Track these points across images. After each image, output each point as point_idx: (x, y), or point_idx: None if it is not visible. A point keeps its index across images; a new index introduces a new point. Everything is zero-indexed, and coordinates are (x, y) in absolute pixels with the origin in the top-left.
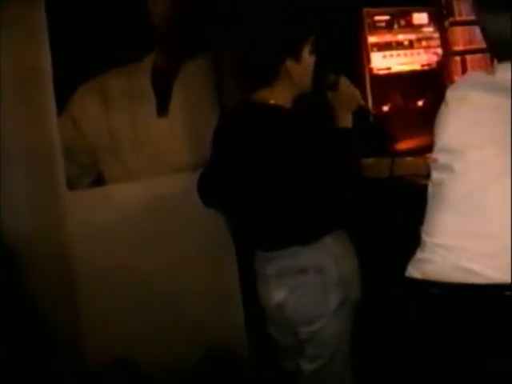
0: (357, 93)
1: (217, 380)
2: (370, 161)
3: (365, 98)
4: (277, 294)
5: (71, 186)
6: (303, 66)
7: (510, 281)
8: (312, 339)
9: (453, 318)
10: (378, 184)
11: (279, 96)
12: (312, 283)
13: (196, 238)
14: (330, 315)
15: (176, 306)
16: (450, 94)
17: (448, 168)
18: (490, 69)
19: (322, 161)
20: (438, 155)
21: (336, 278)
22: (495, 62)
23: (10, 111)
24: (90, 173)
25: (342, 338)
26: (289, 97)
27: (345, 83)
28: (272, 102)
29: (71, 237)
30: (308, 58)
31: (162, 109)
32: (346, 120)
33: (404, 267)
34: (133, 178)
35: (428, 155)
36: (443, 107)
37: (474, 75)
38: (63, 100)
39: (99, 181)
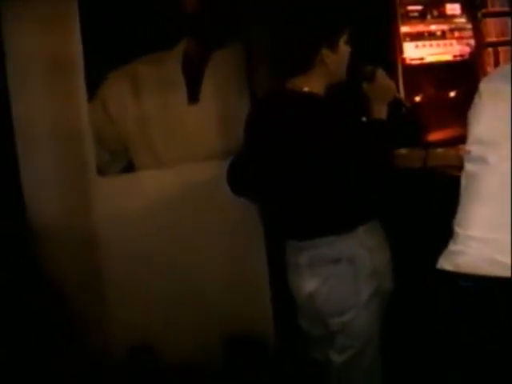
0: (392, 85)
1: (243, 367)
2: (403, 151)
3: (397, 88)
4: (308, 284)
5: (101, 172)
6: (339, 56)
7: None
8: (343, 330)
9: (483, 311)
10: (412, 175)
11: (314, 84)
12: (344, 273)
13: (225, 226)
14: (362, 306)
15: (203, 294)
16: (484, 86)
17: (481, 160)
18: None
19: (356, 151)
20: (472, 147)
21: (368, 269)
22: None
23: (41, 97)
24: (121, 159)
25: (373, 330)
26: (323, 85)
27: (381, 75)
28: (306, 89)
29: (100, 223)
30: (344, 48)
31: (193, 96)
32: (381, 111)
33: (437, 259)
34: (163, 166)
35: (460, 146)
36: (477, 99)
37: (508, 68)
38: (94, 86)
39: (129, 167)
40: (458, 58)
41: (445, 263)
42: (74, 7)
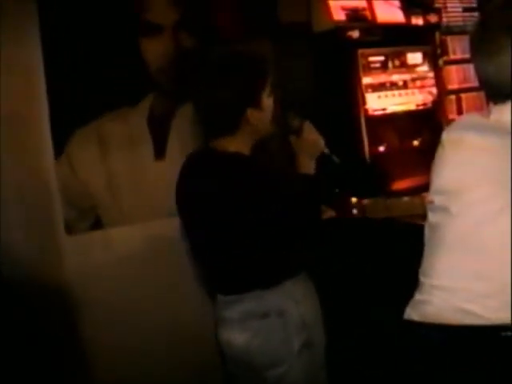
0: (320, 140)
1: None
2: (366, 201)
3: (360, 138)
4: (240, 338)
5: (69, 229)
6: (264, 111)
7: (508, 321)
8: (279, 383)
9: (452, 361)
10: (375, 225)
11: (239, 144)
12: (274, 327)
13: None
14: (294, 358)
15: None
16: (446, 136)
17: (444, 209)
18: (484, 111)
19: (280, 207)
20: (434, 197)
21: (298, 321)
22: (490, 104)
23: (8, 156)
24: (88, 216)
25: (311, 382)
26: (249, 143)
27: (309, 129)
28: (232, 149)
29: (70, 280)
30: (267, 102)
31: (159, 152)
32: (308, 166)
33: (403, 309)
34: (130, 222)
35: (424, 194)
36: (439, 150)
37: (469, 117)
38: (60, 144)
39: (97, 224)
40: (421, 107)
41: (412, 313)
42: (39, 62)
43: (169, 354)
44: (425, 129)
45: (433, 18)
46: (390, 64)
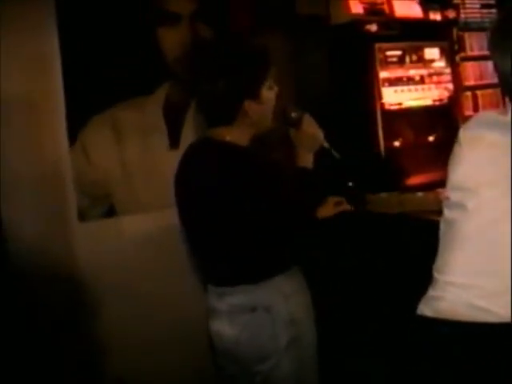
0: (319, 133)
1: None
2: (382, 196)
3: (376, 132)
4: (229, 330)
5: (82, 217)
6: (262, 105)
7: None
8: (267, 378)
9: (464, 357)
10: (389, 220)
11: (237, 135)
12: (261, 322)
13: None
14: (282, 353)
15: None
16: (463, 134)
17: (460, 206)
18: (500, 108)
19: (273, 201)
20: (451, 193)
21: (285, 317)
22: (507, 102)
23: (23, 141)
24: (102, 204)
25: (299, 379)
26: (247, 135)
27: (308, 122)
28: (228, 139)
29: (81, 266)
30: (268, 95)
31: (174, 141)
32: (307, 160)
33: (416, 305)
34: (143, 210)
35: (439, 190)
36: (456, 147)
37: (486, 115)
38: (75, 131)
39: (110, 212)
40: (437, 103)
41: (425, 309)
42: (55, 51)
43: (181, 342)
44: (440, 125)
45: (451, 14)
46: (407, 59)
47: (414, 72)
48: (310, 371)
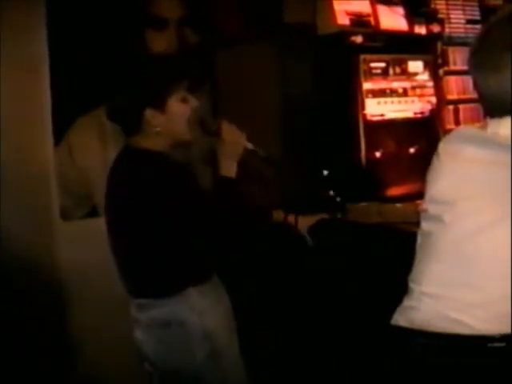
0: (241, 138)
1: None
2: (361, 205)
3: (358, 142)
4: (148, 342)
5: (65, 216)
6: (169, 116)
7: (495, 332)
8: None
9: (437, 369)
10: (367, 230)
11: (150, 142)
12: (176, 337)
13: None
14: (200, 367)
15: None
16: (442, 147)
17: (437, 218)
18: (481, 123)
19: (185, 209)
20: (428, 205)
21: (200, 333)
22: (487, 117)
23: (7, 141)
24: (85, 204)
25: None
26: (161, 144)
27: (227, 129)
28: (143, 145)
29: (63, 265)
30: (176, 107)
31: None
32: (229, 169)
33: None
34: None
35: (418, 201)
36: (435, 160)
37: (466, 130)
38: (61, 131)
39: (94, 212)
40: (419, 115)
41: (399, 319)
42: (43, 52)
43: None
44: (422, 137)
45: (435, 28)
46: (390, 71)
47: (397, 84)
48: (237, 382)
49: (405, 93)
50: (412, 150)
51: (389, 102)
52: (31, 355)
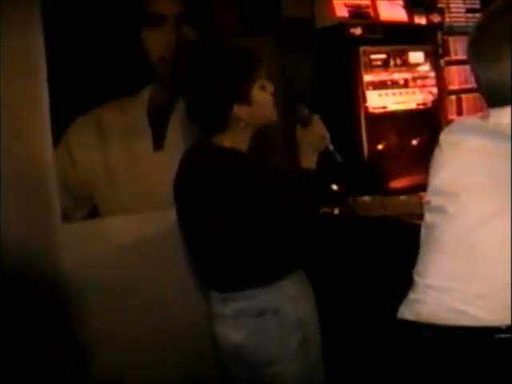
0: (327, 135)
1: None
2: (364, 199)
3: (360, 135)
4: (236, 335)
5: (66, 217)
6: (255, 106)
7: (501, 323)
8: (277, 380)
9: (444, 361)
10: (372, 223)
11: (234, 139)
12: (269, 326)
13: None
14: (291, 356)
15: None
16: (444, 138)
17: (441, 210)
18: (483, 113)
19: (275, 205)
20: (431, 197)
21: (293, 320)
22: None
23: (7, 141)
24: (85, 205)
25: (308, 380)
26: (245, 138)
27: (317, 122)
28: (227, 144)
29: (64, 267)
30: (260, 96)
31: (158, 143)
32: (311, 161)
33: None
34: (127, 212)
35: (422, 193)
36: (437, 151)
37: (467, 120)
38: (60, 131)
39: (94, 213)
40: (421, 107)
41: (405, 312)
42: (40, 51)
43: (167, 342)
44: (424, 128)
45: (435, 18)
46: (391, 62)
47: (398, 76)
48: (317, 371)
49: (406, 84)
50: (415, 142)
51: (390, 93)
52: (31, 355)
